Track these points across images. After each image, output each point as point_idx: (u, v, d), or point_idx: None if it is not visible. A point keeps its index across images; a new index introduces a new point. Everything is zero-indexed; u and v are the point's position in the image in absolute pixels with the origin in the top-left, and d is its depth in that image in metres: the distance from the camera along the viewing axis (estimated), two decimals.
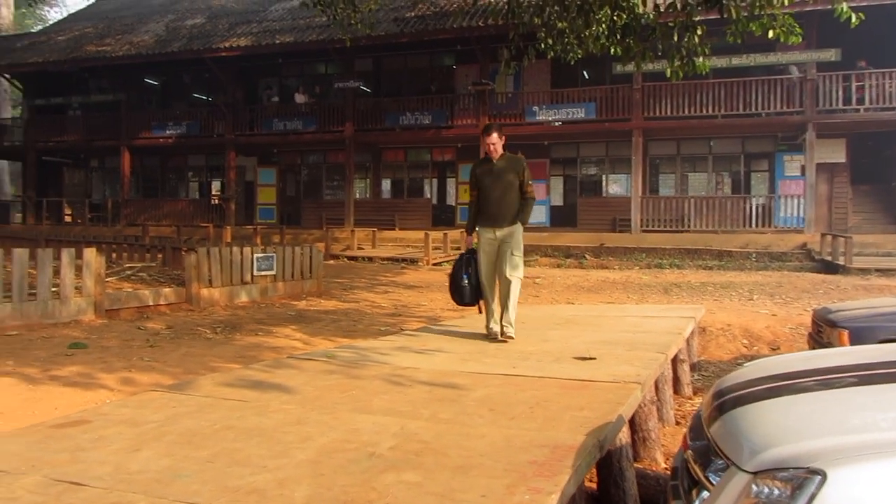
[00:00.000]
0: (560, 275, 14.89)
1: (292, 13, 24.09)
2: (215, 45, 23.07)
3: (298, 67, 25.84)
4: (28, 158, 27.51)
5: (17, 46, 28.03)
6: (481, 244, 5.99)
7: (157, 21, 27.25)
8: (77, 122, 26.78)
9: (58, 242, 12.78)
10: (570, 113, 20.52)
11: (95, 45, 25.79)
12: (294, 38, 22.16)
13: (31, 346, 5.69)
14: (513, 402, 3.62)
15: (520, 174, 5.93)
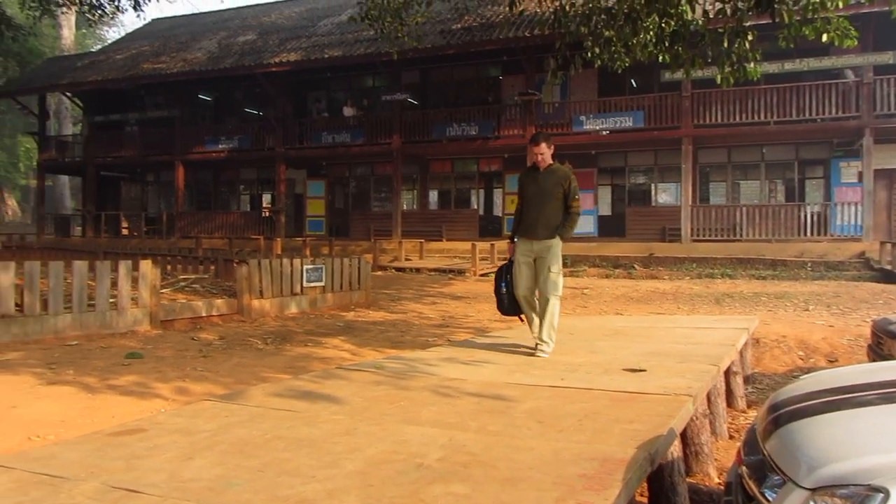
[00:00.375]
0: (608, 285, 14.73)
1: (341, 28, 24.44)
2: (266, 61, 23.53)
3: (347, 81, 26.18)
4: (88, 173, 28.39)
5: (78, 66, 29.02)
6: (517, 254, 5.81)
7: (210, 38, 27.93)
8: (134, 137, 27.57)
9: (115, 255, 13.15)
10: (617, 122, 20.35)
11: (151, 62, 26.54)
12: (342, 52, 22.48)
13: (90, 355, 5.86)
14: (561, 414, 3.59)
15: (564, 186, 5.67)
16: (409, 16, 12.29)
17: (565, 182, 5.69)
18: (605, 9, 9.35)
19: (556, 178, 5.71)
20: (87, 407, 4.10)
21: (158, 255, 13.94)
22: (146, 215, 28.13)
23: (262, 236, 22.72)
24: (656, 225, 20.86)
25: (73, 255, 13.87)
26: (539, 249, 5.65)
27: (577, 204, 5.73)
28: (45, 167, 30.03)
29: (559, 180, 5.69)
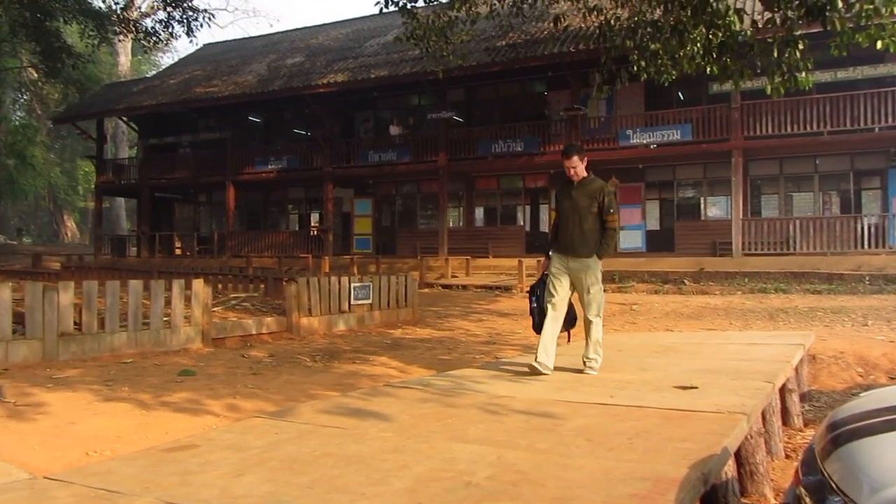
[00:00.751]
0: (658, 301, 14.50)
1: (386, 48, 24.74)
2: (314, 82, 23.94)
3: (393, 100, 26.45)
4: (143, 195, 29.19)
5: (134, 91, 29.94)
6: (550, 268, 5.55)
7: (260, 61, 28.55)
8: (187, 159, 28.27)
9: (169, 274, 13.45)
10: (665, 135, 20.12)
11: (203, 86, 27.23)
12: (388, 72, 22.74)
13: (145, 372, 5.99)
14: (611, 432, 3.54)
15: (599, 200, 5.40)
16: (454, 34, 12.39)
17: (599, 195, 5.44)
18: (651, 22, 9.29)
19: (590, 191, 5.47)
20: (141, 423, 4.19)
21: (210, 274, 14.21)
22: (198, 235, 28.75)
23: (310, 255, 23.02)
24: (706, 239, 20.50)
25: (128, 274, 14.24)
26: (575, 267, 5.42)
27: (612, 219, 5.44)
28: (102, 190, 30.96)
29: (593, 194, 5.44)
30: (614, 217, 5.44)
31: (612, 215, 5.40)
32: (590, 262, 5.38)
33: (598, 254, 5.41)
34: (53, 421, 4.20)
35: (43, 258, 26.51)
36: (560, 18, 10.40)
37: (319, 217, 27.04)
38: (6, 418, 4.21)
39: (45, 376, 5.65)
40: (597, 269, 5.43)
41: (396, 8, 12.04)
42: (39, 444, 3.68)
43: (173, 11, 21.99)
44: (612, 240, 5.45)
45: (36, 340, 6.31)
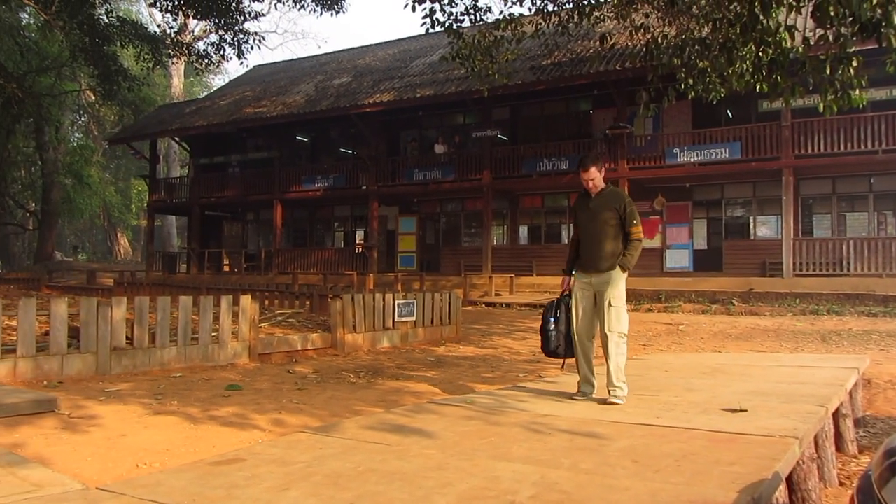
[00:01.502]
0: (705, 321, 14.24)
1: (432, 67, 24.97)
2: (360, 102, 24.27)
3: (438, 118, 26.64)
4: (193, 213, 29.84)
5: (186, 112, 30.73)
6: (575, 290, 5.31)
7: (308, 82, 29.06)
8: (236, 178, 28.85)
9: (217, 290, 13.71)
10: (713, 153, 19.84)
11: (253, 107, 27.82)
12: (434, 91, 22.93)
13: (193, 386, 6.10)
14: (657, 454, 3.48)
15: (619, 210, 5.17)
16: (500, 53, 12.46)
17: (619, 205, 5.19)
18: (699, 39, 9.21)
19: (609, 201, 5.24)
20: (189, 436, 4.26)
21: (257, 290, 14.43)
22: (246, 252, 29.24)
23: (355, 272, 23.21)
24: (756, 259, 20.10)
25: (178, 291, 14.55)
26: (598, 283, 5.17)
27: (636, 229, 5.18)
28: (154, 208, 31.75)
29: (612, 204, 5.21)
30: (638, 227, 5.20)
31: (636, 225, 5.17)
32: (613, 275, 5.12)
33: (621, 266, 5.14)
34: (105, 433, 4.30)
35: (97, 275, 27.26)
36: (607, 37, 10.37)
37: (364, 234, 27.28)
38: (60, 430, 4.33)
39: (97, 389, 5.79)
40: (620, 283, 5.15)
41: (442, 28, 12.16)
42: (92, 456, 3.77)
43: (225, 34, 22.59)
44: (636, 251, 5.17)
45: (90, 354, 6.48)
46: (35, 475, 3.26)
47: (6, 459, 3.47)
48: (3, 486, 3.06)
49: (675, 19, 11.63)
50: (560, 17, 12.48)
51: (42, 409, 4.73)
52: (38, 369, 6.10)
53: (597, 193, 5.27)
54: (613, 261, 5.13)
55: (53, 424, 4.45)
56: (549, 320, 5.30)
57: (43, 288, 20.06)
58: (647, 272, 20.90)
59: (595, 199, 5.26)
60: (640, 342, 10.91)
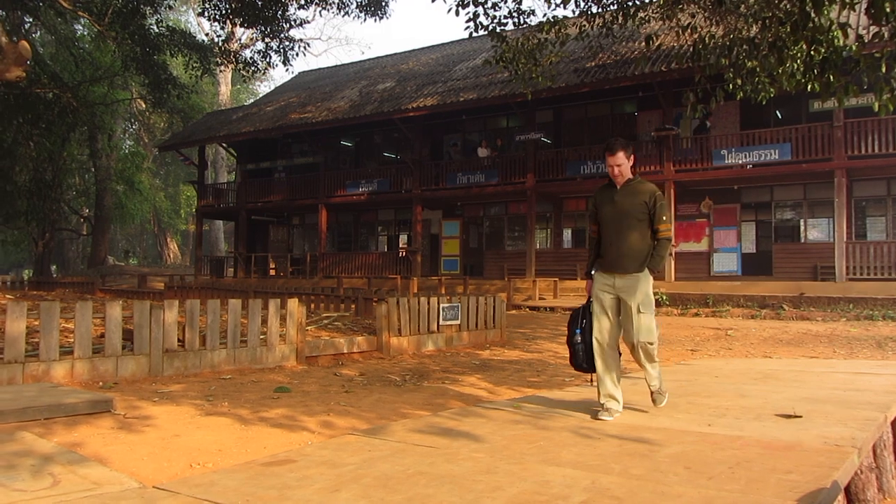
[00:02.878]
0: (755, 326, 13.96)
1: (475, 71, 25.01)
2: (404, 107, 24.41)
3: (481, 122, 26.65)
4: (240, 218, 30.34)
5: (233, 118, 31.29)
6: (595, 292, 4.81)
7: (352, 88, 29.35)
8: (281, 183, 29.26)
9: (264, 294, 13.89)
10: (762, 155, 19.46)
11: (298, 113, 28.20)
12: (477, 95, 22.95)
13: (243, 388, 6.19)
14: (710, 460, 3.42)
15: (649, 205, 4.67)
16: (543, 56, 12.41)
17: (650, 199, 4.68)
18: (748, 39, 9.06)
19: (637, 195, 4.72)
20: (240, 437, 4.33)
21: (303, 294, 14.59)
22: (291, 256, 29.64)
23: (399, 276, 23.34)
24: (806, 263, 19.64)
25: (226, 294, 14.79)
26: (622, 286, 4.67)
27: (666, 227, 4.71)
28: (202, 213, 32.36)
29: (641, 197, 4.70)
30: (668, 224, 4.74)
31: (665, 223, 4.69)
32: (640, 278, 4.64)
33: (649, 267, 4.67)
34: (159, 433, 4.39)
35: (148, 278, 27.89)
36: (652, 38, 10.25)
37: (408, 238, 27.42)
38: (117, 430, 4.43)
39: (150, 390, 5.92)
40: (648, 286, 4.68)
41: (486, 32, 12.17)
42: (147, 455, 3.86)
43: (271, 42, 22.95)
44: (665, 251, 4.72)
45: (143, 356, 6.63)
46: (95, 473, 3.35)
47: (67, 458, 3.58)
48: (66, 484, 3.15)
49: (723, 18, 11.47)
50: (604, 19, 12.38)
51: (98, 410, 4.85)
52: (94, 370, 6.26)
53: (623, 184, 4.77)
54: (641, 262, 4.66)
55: (110, 424, 4.56)
56: (576, 332, 4.87)
57: (97, 291, 20.61)
58: (694, 276, 20.59)
59: (621, 192, 4.75)
60: (688, 347, 10.75)
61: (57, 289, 21.56)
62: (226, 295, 13.88)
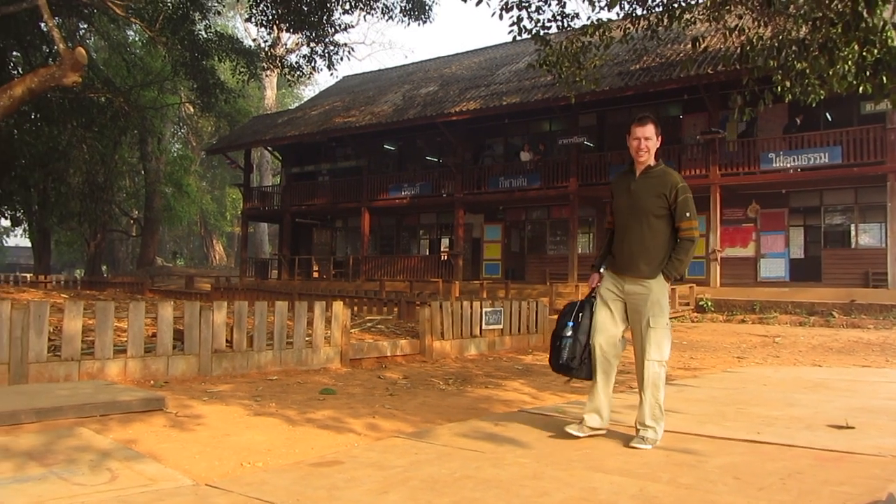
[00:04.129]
0: (803, 333, 13.67)
1: (518, 75, 24.97)
2: (447, 111, 24.49)
3: (524, 126, 26.59)
4: (284, 220, 30.76)
5: (279, 122, 31.75)
6: (600, 291, 4.18)
7: (395, 92, 29.54)
8: (325, 186, 29.58)
9: (308, 296, 14.07)
10: (811, 158, 19.05)
11: (342, 117, 28.49)
12: (520, 99, 22.92)
13: (289, 390, 6.29)
14: (760, 471, 3.38)
15: (669, 197, 3.98)
16: (587, 59, 12.35)
17: (671, 191, 3.98)
18: (797, 40, 8.89)
19: (658, 185, 4.04)
20: (288, 438, 4.40)
21: (346, 296, 14.74)
22: (334, 259, 29.94)
23: (440, 279, 23.40)
24: (857, 269, 19.17)
25: (271, 296, 15.01)
26: (631, 292, 4.04)
27: (689, 224, 3.97)
28: (248, 216, 32.89)
29: (660, 188, 4.02)
30: (693, 222, 3.98)
31: (690, 219, 3.96)
32: (653, 286, 3.98)
33: (665, 273, 4.00)
34: (210, 432, 4.49)
35: (195, 279, 28.43)
36: (699, 40, 10.14)
37: (450, 242, 27.49)
38: (169, 428, 4.55)
39: (200, 390, 6.05)
40: (662, 295, 4.02)
41: (529, 35, 12.16)
42: (199, 453, 3.95)
43: (316, 47, 23.22)
44: (687, 254, 4.00)
45: (192, 356, 6.78)
46: (149, 470, 3.45)
47: (123, 454, 3.69)
48: (123, 479, 3.25)
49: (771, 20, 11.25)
50: (649, 21, 12.27)
51: (151, 408, 4.98)
52: (146, 369, 6.42)
53: (643, 172, 4.13)
54: (655, 265, 3.99)
55: (162, 422, 4.68)
56: (567, 325, 4.15)
57: (146, 291, 21.10)
58: (741, 282, 20.25)
59: (639, 180, 4.11)
60: (735, 354, 10.59)
61: (108, 288, 22.13)
62: (270, 297, 14.09)
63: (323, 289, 18.46)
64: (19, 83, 12.68)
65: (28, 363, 5.67)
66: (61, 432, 4.09)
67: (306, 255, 30.89)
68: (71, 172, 25.84)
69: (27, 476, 3.24)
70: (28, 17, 18.64)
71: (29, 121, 21.40)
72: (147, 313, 7.01)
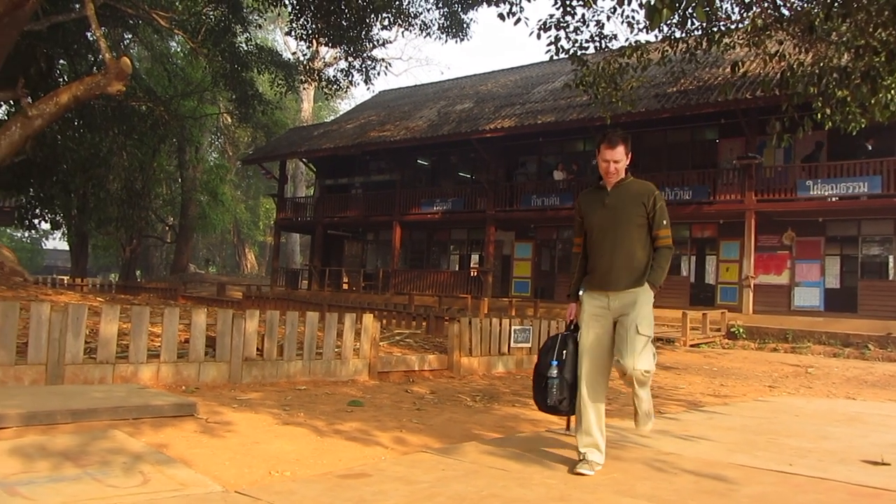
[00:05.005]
0: (837, 365, 13.42)
1: (554, 94, 25.00)
2: (481, 128, 24.58)
3: (558, 145, 26.58)
4: (316, 232, 31.03)
5: (314, 134, 32.11)
6: (585, 316, 4.07)
7: (430, 107, 29.74)
8: (358, 199, 29.82)
9: (338, 307, 14.17)
10: (849, 187, 18.76)
11: (377, 131, 28.73)
12: (555, 118, 22.93)
13: (317, 400, 6.33)
14: (792, 503, 3.33)
15: (647, 206, 3.96)
16: (624, 81, 12.36)
17: (648, 200, 3.97)
18: (839, 67, 8.82)
19: (634, 196, 4.00)
20: (317, 448, 4.43)
21: (375, 309, 14.80)
22: (364, 271, 30.10)
23: (469, 295, 23.39)
24: (894, 301, 18.78)
25: (301, 306, 15.13)
26: (619, 305, 3.94)
27: (665, 233, 3.98)
28: (280, 226, 33.22)
29: (639, 199, 3.98)
30: (668, 230, 4.00)
31: (666, 227, 3.98)
32: (639, 294, 3.94)
33: (651, 282, 3.96)
34: (240, 439, 4.54)
35: (226, 287, 28.76)
36: (738, 64, 10.10)
37: (480, 259, 27.50)
38: (200, 433, 4.61)
39: (230, 397, 6.12)
40: (647, 303, 3.98)
41: (566, 56, 12.20)
42: (229, 460, 3.99)
43: (354, 61, 23.51)
44: (666, 261, 4.00)
45: (224, 363, 6.85)
46: (181, 475, 3.50)
47: (155, 458, 3.74)
48: (155, 483, 3.31)
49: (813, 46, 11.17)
50: (688, 44, 12.26)
51: (183, 413, 5.05)
52: (178, 375, 6.51)
53: (615, 186, 4.05)
54: (639, 275, 3.95)
55: (193, 428, 4.74)
56: (551, 364, 4.03)
57: (179, 297, 21.38)
58: (774, 309, 19.94)
59: (613, 193, 4.04)
60: (766, 383, 10.42)
61: (142, 293, 22.47)
62: (301, 307, 14.20)
63: (353, 301, 18.57)
64: (65, 90, 13.02)
65: (65, 365, 5.79)
66: (95, 434, 4.17)
67: (337, 267, 31.10)
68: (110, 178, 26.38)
69: (62, 476, 3.30)
70: (76, 26, 19.15)
71: (72, 127, 21.90)
72: (180, 319, 7.12)
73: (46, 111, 12.72)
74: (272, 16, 41.19)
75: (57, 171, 21.85)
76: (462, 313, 14.78)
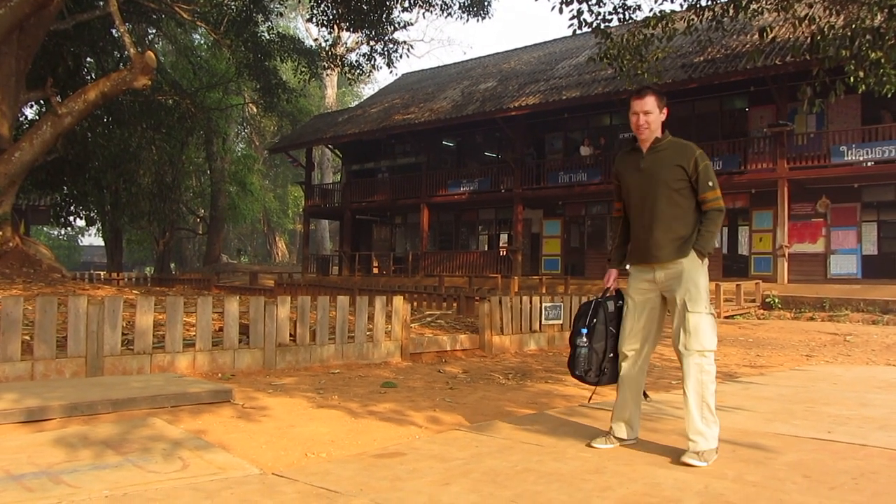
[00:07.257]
0: (876, 332, 13.18)
1: (578, 69, 24.73)
2: (506, 106, 24.43)
3: (583, 120, 26.33)
4: (345, 217, 31.19)
5: (339, 120, 32.20)
6: (630, 291, 3.79)
7: (454, 88, 29.61)
8: (385, 183, 29.89)
9: (369, 292, 14.23)
10: (885, 151, 18.33)
11: (402, 114, 28.71)
12: (580, 93, 22.70)
13: (351, 383, 6.38)
14: (831, 470, 3.29)
15: (688, 168, 3.57)
16: (649, 52, 12.15)
17: (689, 161, 3.58)
18: (871, 28, 8.58)
19: (671, 156, 3.63)
20: (351, 430, 4.47)
21: (406, 292, 14.85)
22: (394, 255, 30.22)
23: (499, 275, 23.37)
24: None
25: (332, 291, 15.24)
26: (664, 279, 3.61)
27: (714, 195, 3.56)
28: (309, 213, 33.45)
29: (676, 160, 3.61)
30: (717, 192, 3.58)
31: (714, 189, 3.56)
32: (686, 266, 3.55)
33: (697, 249, 3.56)
34: (275, 423, 4.60)
35: (259, 276, 29.07)
36: (766, 30, 9.88)
37: (508, 238, 27.43)
38: (237, 419, 4.67)
39: (265, 383, 6.20)
40: (698, 274, 3.56)
41: (590, 29, 12.03)
42: (265, 444, 4.05)
43: (375, 45, 23.46)
44: (716, 226, 3.60)
45: (258, 350, 6.94)
46: (219, 459, 3.56)
47: (194, 443, 3.81)
48: (194, 468, 3.36)
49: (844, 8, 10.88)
50: (714, 12, 12.00)
51: (219, 399, 5.12)
52: (214, 362, 6.61)
53: (650, 147, 3.69)
54: (684, 242, 3.56)
55: (230, 413, 4.81)
56: (580, 332, 3.82)
57: (212, 288, 21.66)
58: (809, 278, 19.64)
59: (649, 156, 3.68)
60: (803, 352, 10.28)
61: (177, 285, 22.80)
62: (332, 292, 14.30)
63: (383, 284, 18.66)
64: (93, 87, 13.18)
65: (103, 356, 5.90)
66: (135, 422, 4.25)
67: (366, 252, 31.26)
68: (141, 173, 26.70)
69: (105, 463, 3.38)
70: (100, 23, 19.33)
71: (101, 124, 22.17)
72: (214, 308, 7.21)
73: (76, 109, 12.90)
74: (293, 3, 41.25)
75: (89, 167, 22.17)
76: (492, 293, 14.77)
